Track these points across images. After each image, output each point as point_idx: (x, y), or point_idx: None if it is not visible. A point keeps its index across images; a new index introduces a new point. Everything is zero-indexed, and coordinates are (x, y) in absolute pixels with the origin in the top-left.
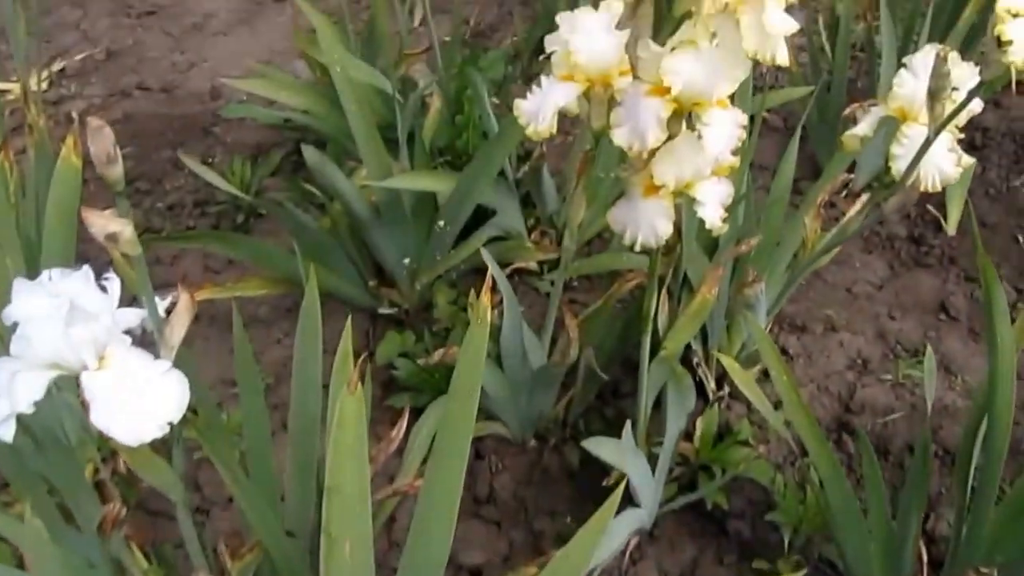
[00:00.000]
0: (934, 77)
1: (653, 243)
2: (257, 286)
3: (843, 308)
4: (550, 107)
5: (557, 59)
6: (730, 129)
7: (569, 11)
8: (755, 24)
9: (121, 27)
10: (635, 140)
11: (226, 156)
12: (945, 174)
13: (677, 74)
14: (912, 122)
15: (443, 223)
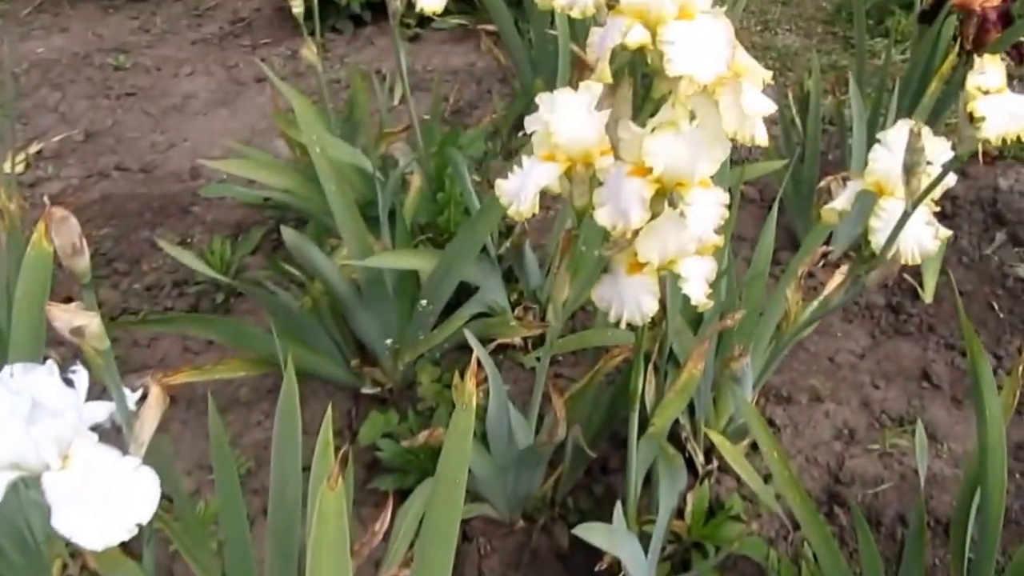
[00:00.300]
0: (909, 152)
1: (639, 320)
2: (236, 368)
3: (827, 378)
4: (532, 187)
5: (538, 139)
6: (713, 209)
7: (548, 91)
8: (734, 105)
9: (100, 108)
10: (618, 220)
11: (206, 235)
12: (924, 247)
13: (659, 155)
14: (889, 196)
15: (426, 302)
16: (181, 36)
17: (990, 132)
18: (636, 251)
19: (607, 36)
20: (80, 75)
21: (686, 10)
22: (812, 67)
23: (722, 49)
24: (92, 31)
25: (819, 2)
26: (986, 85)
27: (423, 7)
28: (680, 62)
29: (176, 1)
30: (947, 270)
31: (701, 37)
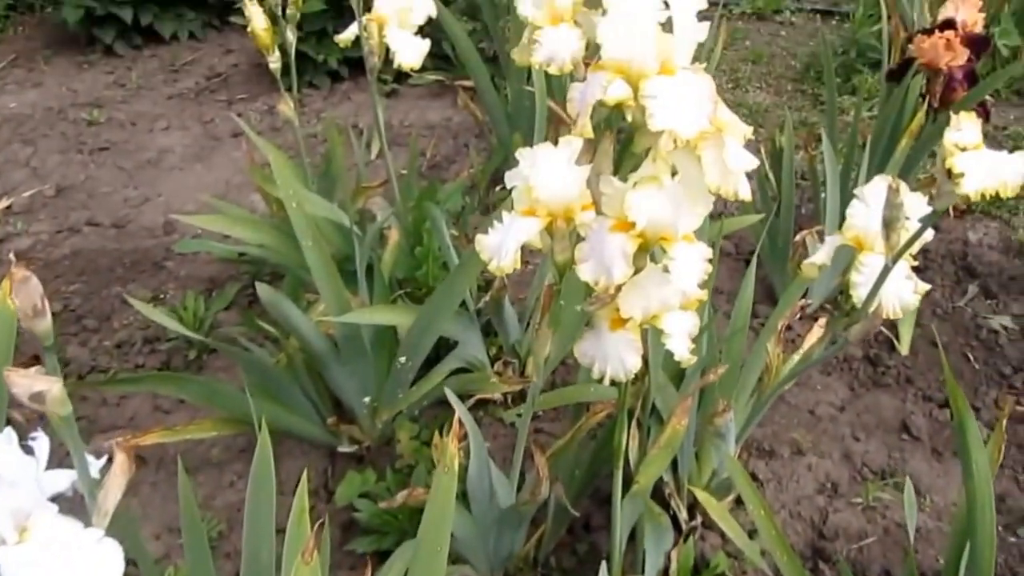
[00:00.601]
0: (888, 208)
1: (622, 377)
2: (208, 428)
3: (808, 431)
4: (513, 243)
5: (518, 194)
6: (697, 264)
7: (527, 147)
8: (716, 160)
9: (72, 163)
10: (601, 275)
11: (179, 291)
12: (905, 301)
13: (641, 210)
14: (868, 251)
15: (405, 359)
16: (157, 91)
17: (970, 188)
18: (619, 307)
19: (588, 91)
20: (53, 130)
21: (668, 66)
22: (785, 124)
23: (704, 104)
24: (66, 86)
25: (788, 61)
26: (963, 142)
27: (401, 63)
28: (662, 117)
29: (152, 57)
30: (922, 322)
31: (683, 92)
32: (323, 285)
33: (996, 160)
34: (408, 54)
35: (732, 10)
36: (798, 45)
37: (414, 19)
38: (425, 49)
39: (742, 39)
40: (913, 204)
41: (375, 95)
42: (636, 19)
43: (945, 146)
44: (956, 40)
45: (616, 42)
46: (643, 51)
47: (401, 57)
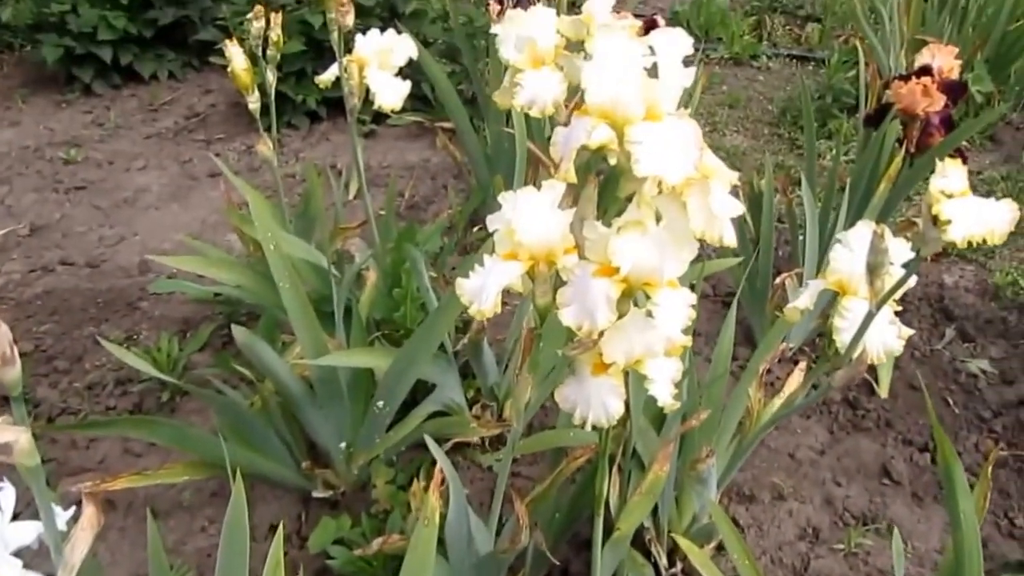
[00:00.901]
0: (873, 253)
1: (605, 423)
2: (179, 472)
3: (788, 475)
4: (494, 286)
5: (500, 238)
6: (682, 310)
7: (507, 189)
8: (702, 206)
9: (48, 202)
10: (584, 320)
11: (153, 332)
12: (889, 346)
13: (626, 255)
14: (852, 296)
15: (382, 403)
16: (135, 131)
17: (957, 235)
18: (601, 352)
19: (572, 136)
20: (29, 168)
21: (653, 111)
22: (765, 167)
23: (690, 150)
24: (44, 125)
25: (765, 105)
26: (950, 188)
27: (382, 105)
28: (649, 163)
29: (131, 96)
30: (900, 365)
31: (669, 138)
32: (300, 327)
33: (983, 207)
34: (388, 95)
35: (710, 55)
36: (775, 90)
37: (394, 61)
38: (405, 91)
39: (719, 84)
40: (896, 249)
41: (355, 136)
42: (621, 64)
43: (931, 193)
44: (933, 86)
45: (601, 87)
46: (628, 97)
47: (381, 98)
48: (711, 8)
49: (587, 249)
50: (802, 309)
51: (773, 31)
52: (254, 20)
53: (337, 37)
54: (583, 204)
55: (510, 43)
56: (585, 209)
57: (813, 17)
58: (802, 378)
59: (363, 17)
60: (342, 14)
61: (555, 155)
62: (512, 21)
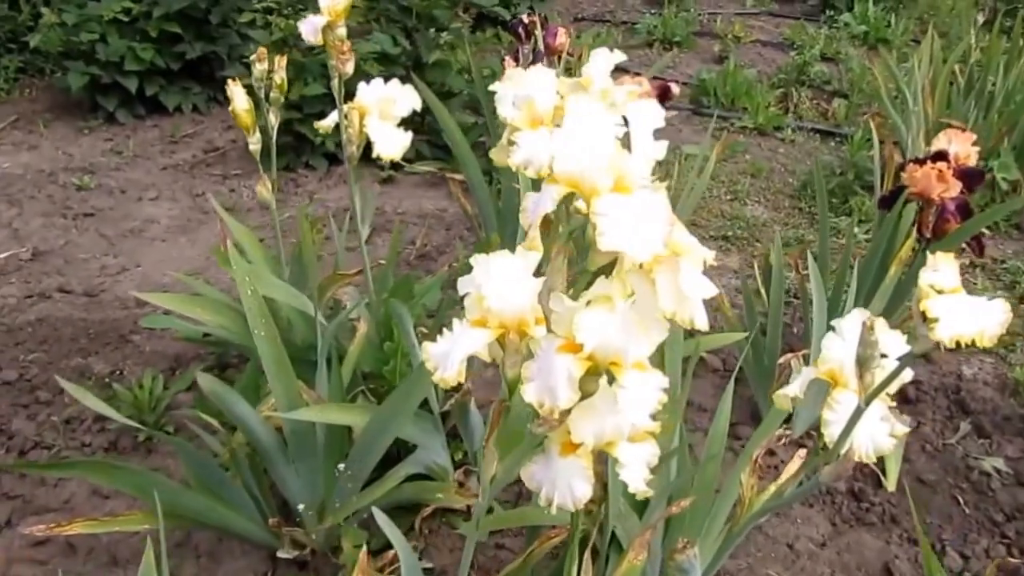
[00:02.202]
0: (862, 346)
1: (570, 506)
2: (139, 520)
3: (785, 567)
4: (459, 353)
5: (470, 303)
6: (649, 394)
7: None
8: (671, 285)
9: (54, 227)
10: (546, 397)
11: (141, 367)
12: (879, 444)
13: (590, 332)
14: (843, 388)
15: (343, 466)
16: (152, 161)
17: (943, 334)
18: (569, 430)
19: (540, 203)
20: (41, 192)
21: (622, 183)
22: (775, 243)
23: (658, 226)
24: (63, 150)
25: (786, 177)
26: (940, 284)
27: (380, 154)
28: (612, 237)
29: (153, 127)
30: (910, 458)
31: (637, 212)
32: (273, 377)
33: (974, 306)
34: (387, 146)
35: (733, 123)
36: (797, 162)
37: (396, 111)
38: (406, 142)
39: (742, 152)
40: (891, 342)
41: (353, 183)
42: (591, 133)
43: (921, 287)
44: (948, 172)
45: (569, 156)
46: (596, 166)
47: (380, 148)
48: (737, 78)
49: (553, 322)
50: (792, 397)
51: (799, 104)
52: (257, 62)
53: (337, 84)
54: (551, 274)
55: (508, 101)
56: (553, 279)
57: (840, 93)
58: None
59: (387, 65)
60: (342, 61)
61: (524, 222)
62: (512, 80)
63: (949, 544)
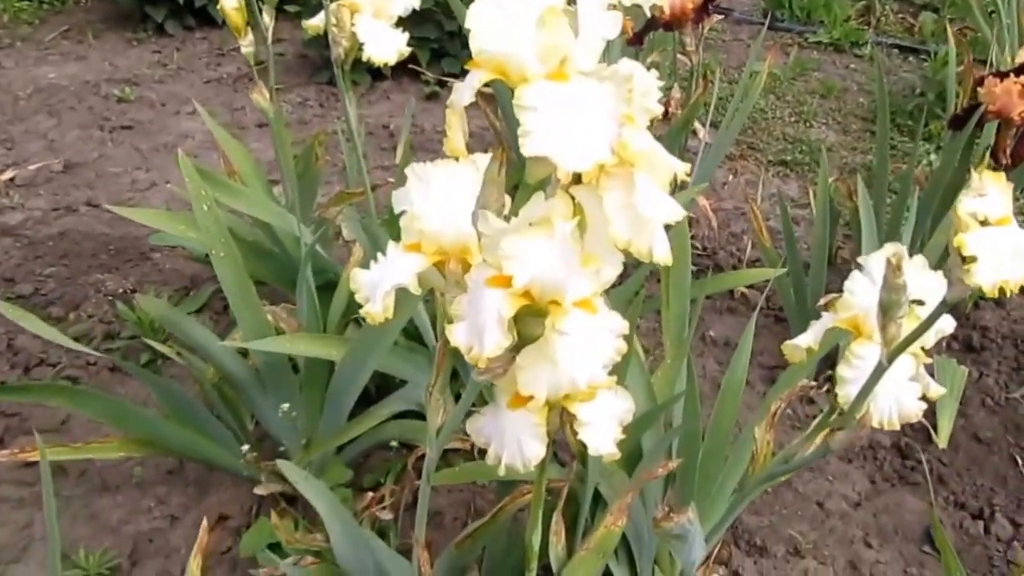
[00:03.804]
0: (885, 290)
1: (520, 466)
2: (115, 448)
3: (812, 527)
4: (387, 284)
5: (405, 223)
6: (598, 341)
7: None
8: (625, 206)
9: (90, 139)
10: (473, 341)
11: (156, 285)
12: (905, 409)
13: (520, 262)
14: (866, 340)
15: (288, 406)
16: (196, 74)
17: (983, 278)
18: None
19: (460, 93)
20: (81, 104)
21: (560, 68)
22: (821, 166)
23: (604, 126)
24: (109, 61)
25: (858, 98)
26: (984, 212)
27: (371, 58)
28: (538, 138)
29: (202, 39)
30: (967, 412)
31: (574, 106)
32: (237, 304)
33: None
34: (378, 48)
35: (807, 38)
36: (873, 81)
37: (393, 9)
38: (401, 45)
39: (813, 70)
40: (930, 285)
41: (345, 93)
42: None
43: (959, 215)
44: None
45: (488, 30)
46: (521, 43)
47: (370, 51)
48: None
49: (484, 248)
50: (805, 348)
51: (883, 17)
52: None
53: None
54: (485, 188)
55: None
56: (486, 194)
57: (930, 6)
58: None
59: None
60: None
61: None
62: None
63: (1000, 509)
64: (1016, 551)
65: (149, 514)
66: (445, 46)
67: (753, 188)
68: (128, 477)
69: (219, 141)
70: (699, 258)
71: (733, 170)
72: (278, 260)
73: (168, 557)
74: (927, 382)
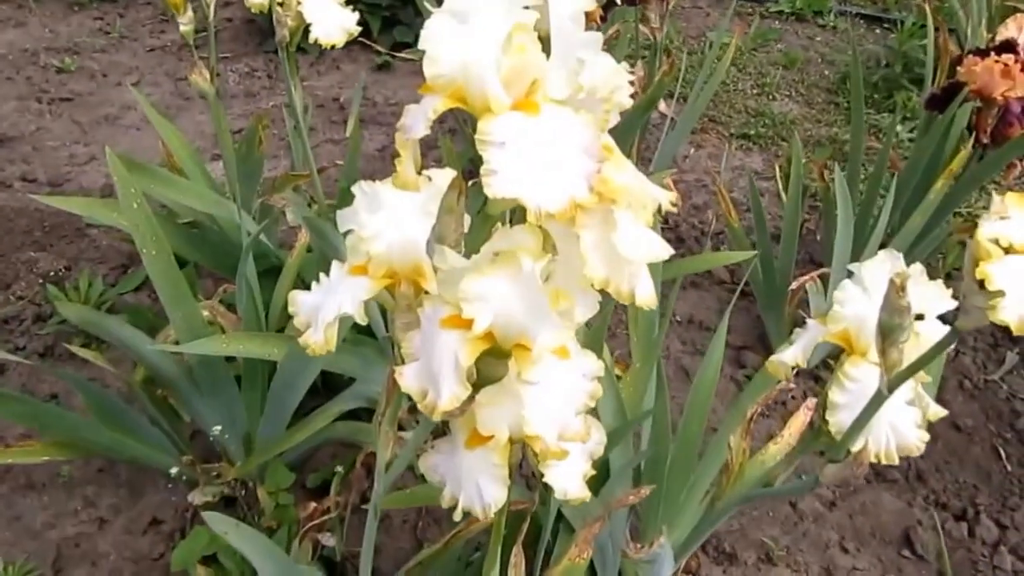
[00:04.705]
0: (887, 311)
1: (479, 511)
2: (38, 452)
3: (784, 531)
4: (331, 311)
5: (351, 243)
6: (569, 387)
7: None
8: (601, 244)
9: (28, 111)
10: (427, 387)
11: (92, 264)
12: (905, 440)
13: (482, 303)
14: (858, 359)
15: (219, 428)
16: (140, 42)
17: (1008, 314)
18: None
19: (413, 122)
20: (19, 75)
21: (529, 98)
22: (793, 144)
23: (580, 162)
24: (49, 28)
25: (823, 69)
26: (1008, 237)
27: (318, 38)
28: (506, 179)
29: (146, 4)
30: (944, 397)
31: (546, 141)
32: (169, 302)
33: None
34: (325, 28)
35: (768, 8)
36: (837, 52)
37: None
38: (350, 24)
39: (775, 41)
40: (929, 296)
41: (291, 79)
42: (481, 15)
43: (979, 241)
44: (1016, 66)
45: (446, 51)
46: (484, 67)
47: (317, 32)
48: None
49: (440, 282)
50: (791, 365)
51: None
52: None
53: None
54: (441, 218)
55: None
56: (442, 225)
57: None
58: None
59: None
60: None
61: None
62: None
63: (983, 509)
64: (1002, 555)
65: (76, 517)
66: (397, 13)
67: (716, 162)
68: (55, 476)
69: (154, 123)
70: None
71: (695, 143)
72: (217, 246)
73: (95, 565)
74: (926, 403)
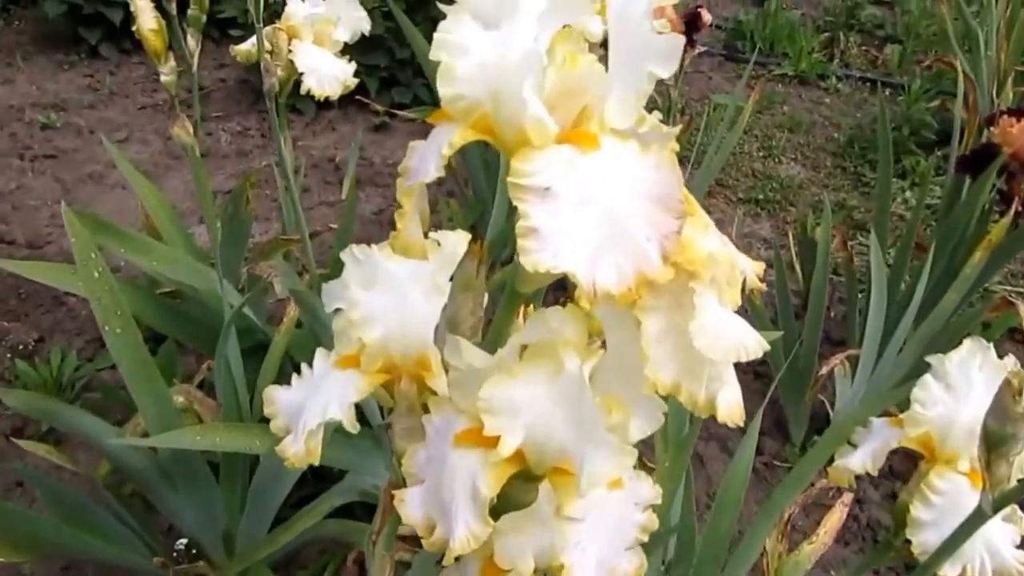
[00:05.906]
0: (997, 418)
1: None
2: None
3: None
4: (314, 415)
5: (340, 328)
6: (619, 519)
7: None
8: (670, 334)
9: (9, 169)
10: (436, 519)
11: (66, 336)
12: (1003, 561)
13: (513, 416)
14: (945, 467)
15: (185, 541)
16: (130, 99)
17: None
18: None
19: (422, 161)
20: (2, 131)
21: (582, 127)
22: (824, 211)
23: (654, 221)
24: (37, 85)
25: (830, 132)
26: None
27: (311, 89)
28: (552, 244)
29: (139, 64)
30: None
31: (607, 188)
32: (137, 389)
33: None
34: (319, 78)
35: (771, 70)
36: (842, 115)
37: (337, 35)
38: (347, 76)
39: (780, 103)
40: None
41: (279, 133)
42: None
43: None
44: None
45: (468, 64)
46: (521, 85)
47: (310, 83)
48: (779, 20)
49: (452, 386)
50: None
51: (847, 50)
52: None
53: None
54: (456, 296)
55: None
56: (460, 306)
57: (894, 38)
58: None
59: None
60: None
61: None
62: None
63: None
64: None
65: None
66: (396, 74)
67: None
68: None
69: (131, 181)
70: None
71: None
72: (199, 319)
73: None
74: (1018, 516)
